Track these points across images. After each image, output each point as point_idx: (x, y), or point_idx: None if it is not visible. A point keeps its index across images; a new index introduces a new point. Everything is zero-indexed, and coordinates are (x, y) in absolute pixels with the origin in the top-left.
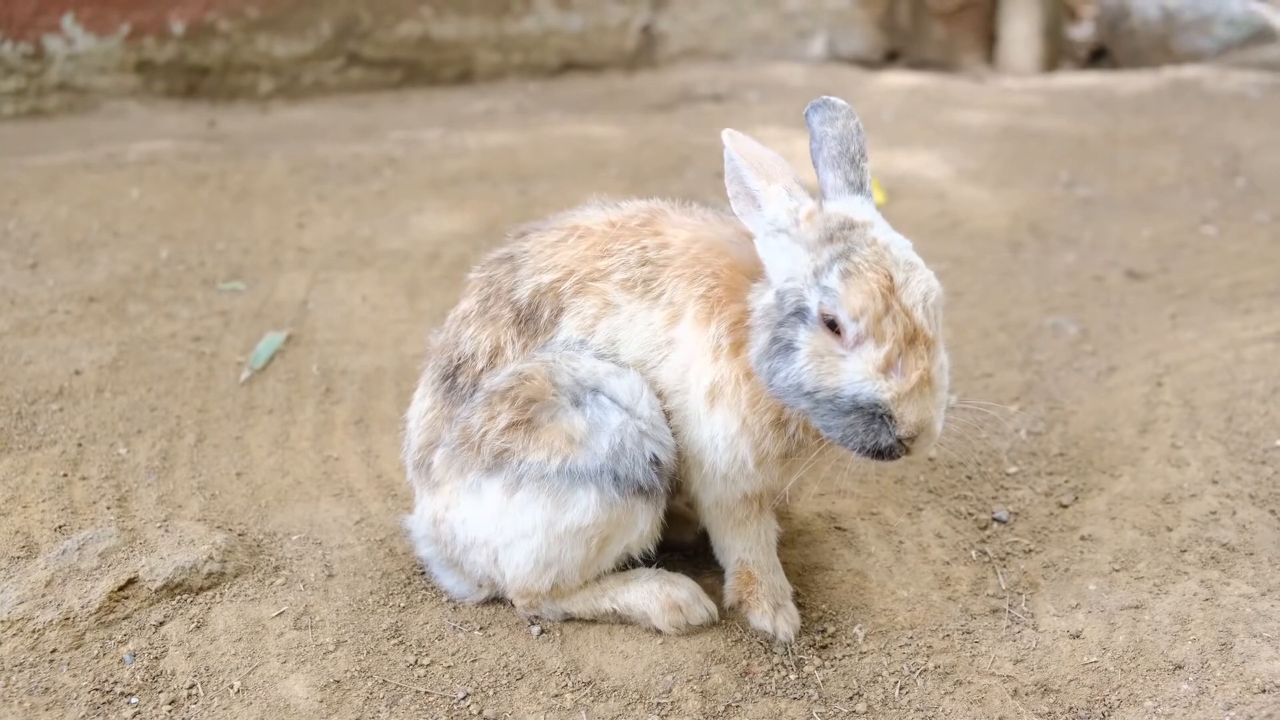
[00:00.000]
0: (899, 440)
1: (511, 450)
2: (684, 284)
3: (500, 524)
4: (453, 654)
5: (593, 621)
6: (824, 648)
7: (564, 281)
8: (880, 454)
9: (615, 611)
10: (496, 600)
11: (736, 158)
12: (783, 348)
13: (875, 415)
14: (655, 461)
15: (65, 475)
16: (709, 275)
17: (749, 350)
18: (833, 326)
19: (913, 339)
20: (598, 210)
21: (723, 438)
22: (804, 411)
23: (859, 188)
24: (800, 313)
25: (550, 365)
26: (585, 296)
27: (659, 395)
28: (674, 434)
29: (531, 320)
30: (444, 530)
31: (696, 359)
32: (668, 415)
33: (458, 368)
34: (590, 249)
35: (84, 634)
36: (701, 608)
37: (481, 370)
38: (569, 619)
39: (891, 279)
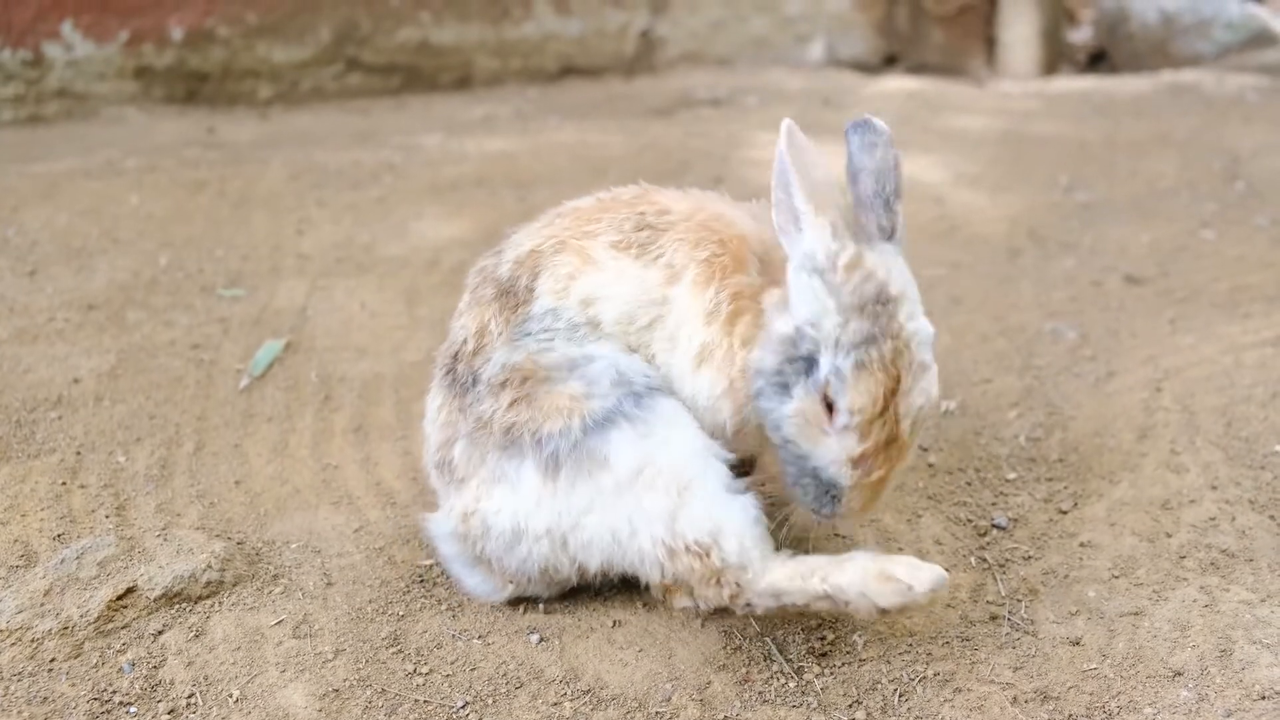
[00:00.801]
0: (835, 513)
1: (521, 425)
2: (686, 247)
3: (555, 508)
4: (452, 662)
5: (592, 630)
6: (823, 655)
7: (544, 245)
8: (815, 513)
9: (827, 594)
10: (515, 602)
11: (789, 166)
12: (780, 385)
13: (828, 490)
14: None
15: (64, 483)
16: (715, 242)
17: (754, 352)
18: (826, 402)
19: (890, 443)
20: (584, 197)
21: (706, 396)
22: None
23: (890, 234)
24: (809, 364)
25: (535, 354)
26: (564, 254)
27: (644, 355)
28: None
29: (511, 293)
30: (474, 524)
31: (690, 320)
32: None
33: (454, 357)
34: (578, 220)
35: (83, 643)
36: (927, 572)
37: (473, 352)
38: (781, 605)
39: (899, 383)
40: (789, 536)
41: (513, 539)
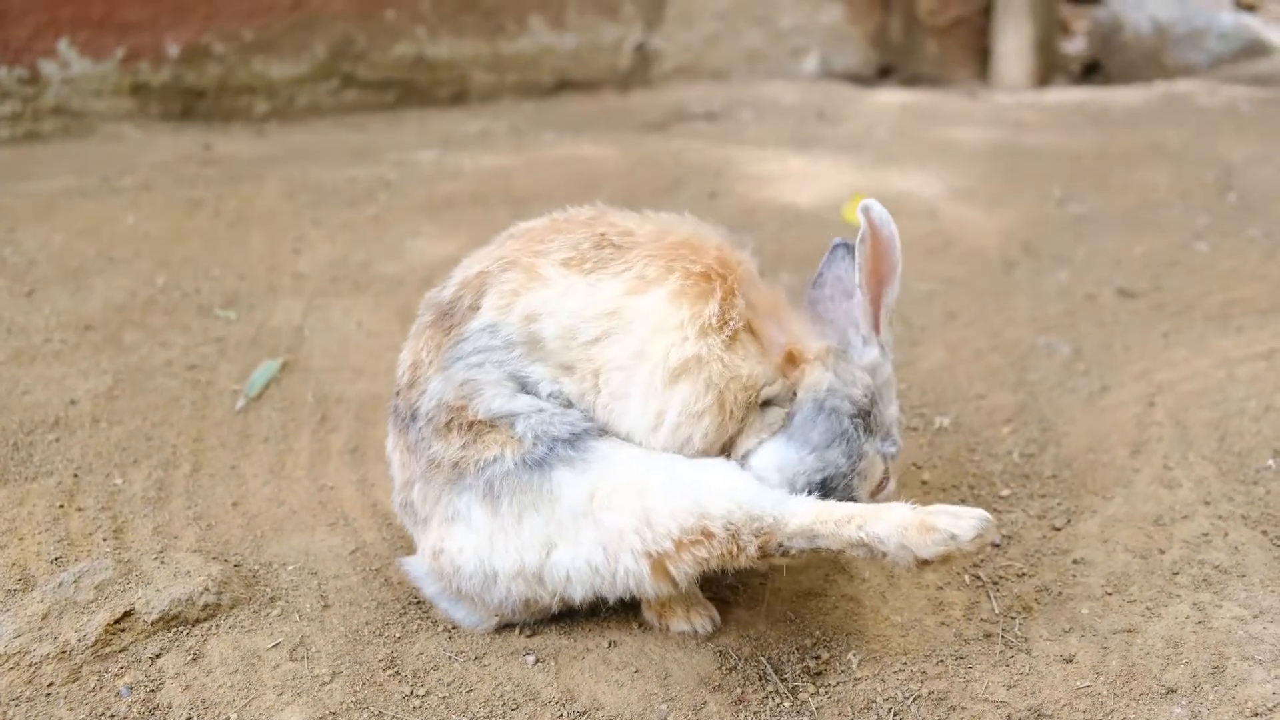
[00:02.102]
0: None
1: (467, 459)
2: (659, 262)
3: (512, 545)
4: (448, 684)
5: (588, 651)
6: (818, 674)
7: (492, 265)
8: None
9: (864, 542)
10: (501, 629)
11: (867, 260)
12: (864, 428)
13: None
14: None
15: (61, 506)
16: (712, 260)
17: (835, 374)
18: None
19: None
20: (538, 217)
21: (680, 414)
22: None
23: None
24: (876, 435)
25: (464, 389)
26: (512, 272)
27: (592, 373)
28: (596, 414)
29: (449, 314)
30: (445, 562)
31: (669, 330)
32: (590, 391)
33: (396, 393)
34: (529, 240)
35: (80, 667)
36: (970, 519)
37: (409, 385)
38: (815, 548)
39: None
40: None
41: (486, 579)
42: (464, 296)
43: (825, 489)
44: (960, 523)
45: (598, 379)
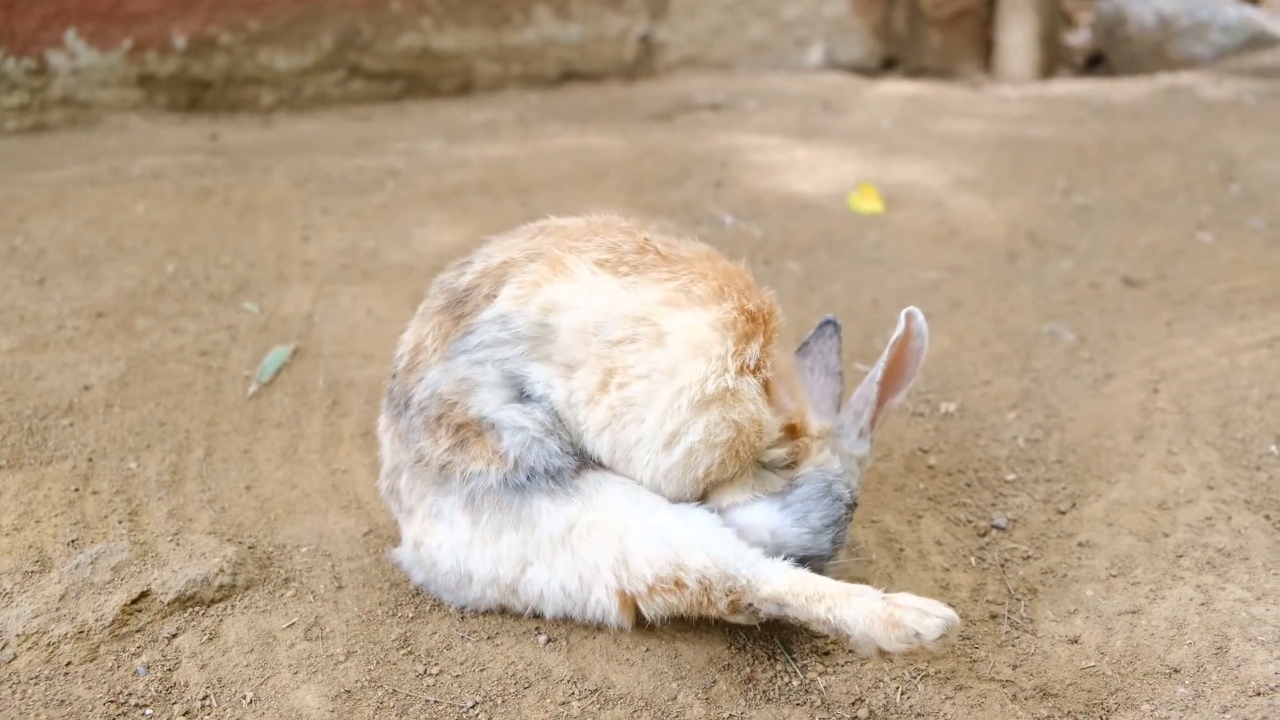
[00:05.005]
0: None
1: (454, 464)
2: (710, 282)
3: (489, 554)
4: (461, 663)
5: (599, 630)
6: (826, 654)
7: (518, 256)
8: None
9: (830, 623)
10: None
11: (891, 363)
12: (834, 500)
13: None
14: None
15: (77, 490)
16: (766, 305)
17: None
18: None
19: None
20: (574, 217)
21: (698, 440)
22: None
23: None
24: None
25: (461, 386)
26: (538, 263)
27: (603, 371)
28: (592, 413)
29: (463, 303)
30: (424, 555)
31: (712, 359)
32: (596, 391)
33: (393, 375)
34: (565, 236)
35: (98, 647)
36: (935, 618)
37: (406, 369)
38: (784, 615)
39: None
40: None
41: (461, 579)
42: (481, 285)
43: (800, 564)
44: (926, 621)
45: (609, 379)
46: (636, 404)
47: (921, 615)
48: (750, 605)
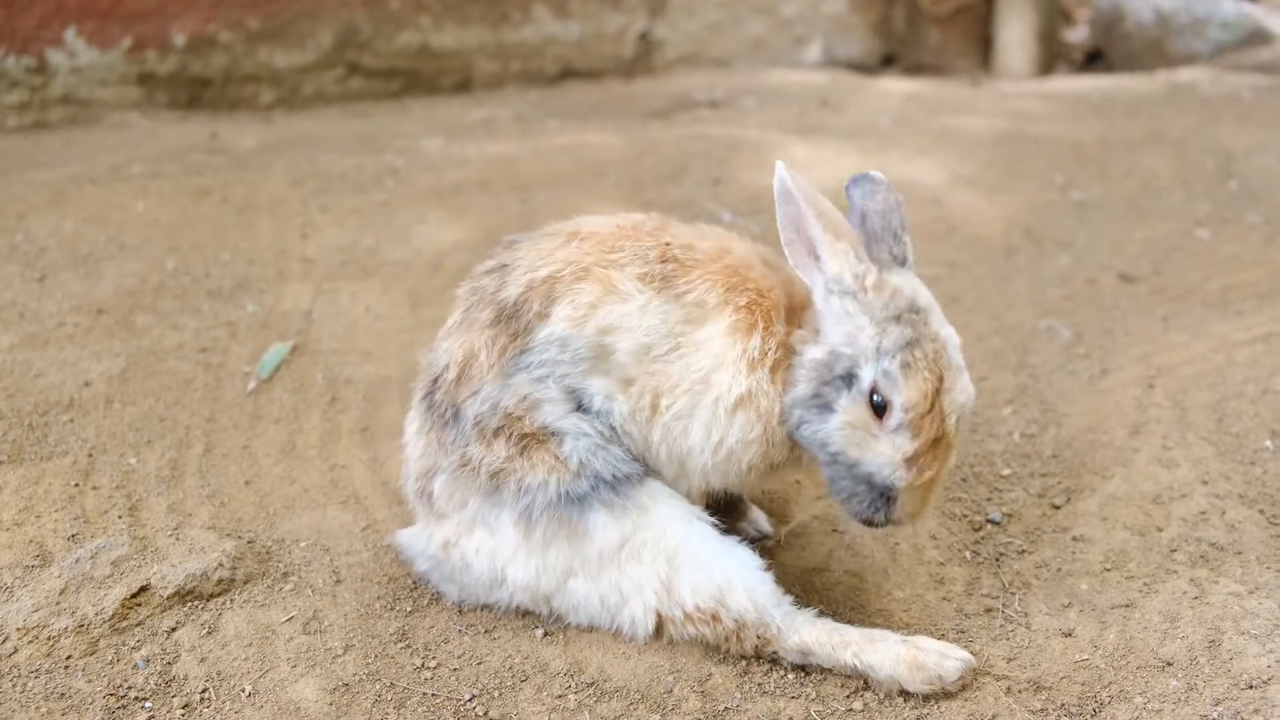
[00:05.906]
0: (889, 520)
1: (508, 472)
2: (719, 289)
3: (534, 565)
4: (458, 657)
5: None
6: None
7: (564, 270)
8: (868, 523)
9: (857, 668)
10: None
11: (801, 202)
12: (821, 406)
13: (882, 494)
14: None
15: (77, 485)
16: (752, 290)
17: (788, 391)
18: (876, 405)
19: (938, 441)
20: (600, 217)
21: (737, 441)
22: (816, 459)
23: (903, 261)
24: (849, 379)
25: (526, 401)
26: (588, 282)
27: (653, 390)
28: (650, 429)
29: (514, 318)
30: (454, 556)
31: (729, 364)
32: (648, 407)
33: (434, 383)
34: (598, 246)
35: (98, 640)
36: (954, 660)
37: (455, 381)
38: (807, 662)
39: (942, 381)
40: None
41: (493, 582)
42: (530, 300)
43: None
44: (946, 664)
45: (659, 398)
46: (684, 416)
47: (942, 658)
48: (774, 652)
